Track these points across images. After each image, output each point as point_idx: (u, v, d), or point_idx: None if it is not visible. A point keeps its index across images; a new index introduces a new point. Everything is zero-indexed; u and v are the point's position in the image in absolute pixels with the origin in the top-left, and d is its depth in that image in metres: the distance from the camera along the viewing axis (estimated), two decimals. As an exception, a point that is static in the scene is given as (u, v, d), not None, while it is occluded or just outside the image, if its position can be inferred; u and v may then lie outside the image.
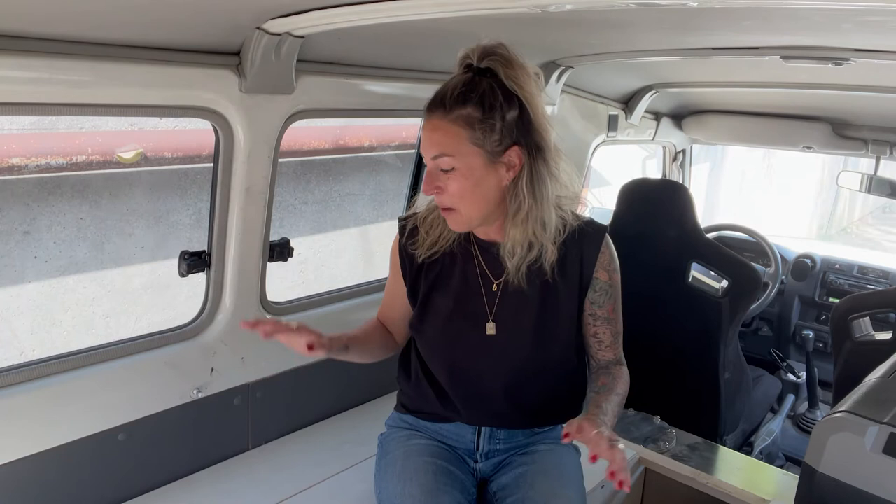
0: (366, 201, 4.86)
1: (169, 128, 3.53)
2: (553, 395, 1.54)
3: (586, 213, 4.05)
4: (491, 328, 1.46)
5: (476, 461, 1.57)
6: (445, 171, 1.32)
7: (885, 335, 2.29)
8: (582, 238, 1.45)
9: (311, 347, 1.29)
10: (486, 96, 1.29)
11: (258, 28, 1.46)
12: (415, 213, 1.54)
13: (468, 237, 1.48)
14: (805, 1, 1.20)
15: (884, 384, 1.44)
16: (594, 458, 1.17)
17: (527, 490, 1.45)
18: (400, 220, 1.57)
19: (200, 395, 1.76)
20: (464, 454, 1.57)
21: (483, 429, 1.55)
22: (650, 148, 4.62)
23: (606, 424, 1.28)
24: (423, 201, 1.55)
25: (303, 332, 1.30)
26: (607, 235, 1.48)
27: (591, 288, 1.47)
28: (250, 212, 1.72)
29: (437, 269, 1.50)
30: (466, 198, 1.33)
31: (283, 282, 3.97)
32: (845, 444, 1.28)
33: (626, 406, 2.28)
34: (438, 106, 1.31)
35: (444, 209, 1.37)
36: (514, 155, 1.33)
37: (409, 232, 1.52)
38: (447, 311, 1.49)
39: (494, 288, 1.47)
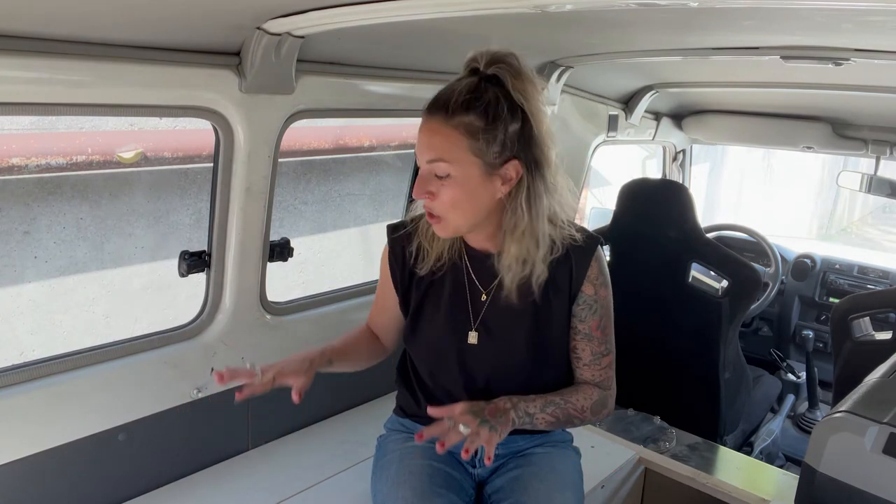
0: (366, 201, 4.86)
1: (169, 128, 3.53)
2: None
3: (587, 212, 4.07)
4: (473, 337, 1.44)
5: (474, 466, 1.56)
6: (440, 177, 1.28)
7: (885, 335, 2.29)
8: (575, 252, 1.41)
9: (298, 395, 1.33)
10: (490, 106, 1.25)
11: (258, 28, 1.46)
12: (407, 223, 1.50)
13: (459, 246, 1.46)
14: (805, 1, 1.20)
15: (884, 384, 1.44)
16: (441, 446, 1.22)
17: (520, 494, 1.43)
18: (391, 227, 1.52)
19: (200, 395, 1.76)
20: (461, 458, 1.56)
21: None
22: (650, 148, 4.62)
23: (489, 413, 1.30)
24: (418, 206, 1.52)
25: (285, 377, 1.33)
26: (599, 249, 1.44)
27: (576, 301, 1.43)
28: (250, 212, 1.72)
29: (429, 280, 1.47)
30: (458, 208, 1.30)
31: (284, 282, 3.97)
32: (845, 444, 1.28)
33: (626, 406, 2.29)
34: (440, 109, 1.26)
35: (431, 216, 1.33)
36: (512, 168, 1.29)
37: (403, 242, 1.48)
38: (437, 321, 1.47)
39: (483, 297, 1.44)
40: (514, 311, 1.42)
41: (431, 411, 1.28)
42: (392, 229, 1.52)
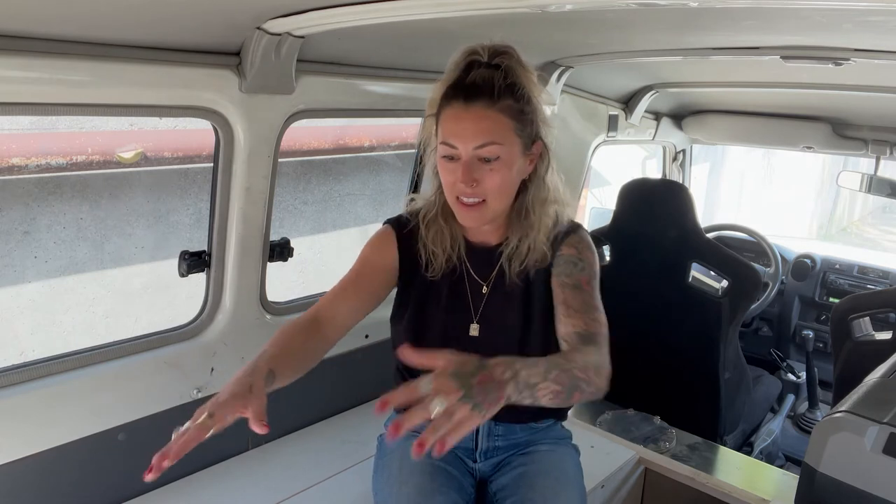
0: (366, 201, 4.86)
1: (169, 128, 3.53)
2: None
3: (587, 212, 4.07)
4: (474, 329, 1.46)
5: (475, 461, 1.56)
6: (487, 161, 1.30)
7: (885, 335, 2.29)
8: (558, 236, 1.45)
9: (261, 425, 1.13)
10: (523, 90, 1.32)
11: (258, 28, 1.46)
12: (410, 218, 1.50)
13: (460, 241, 1.47)
14: (805, 1, 1.20)
15: (884, 384, 1.44)
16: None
17: (526, 490, 1.44)
18: (396, 220, 1.52)
19: (200, 395, 1.76)
20: (463, 454, 1.57)
21: (481, 426, 1.54)
22: (650, 148, 4.62)
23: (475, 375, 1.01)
24: (417, 201, 1.52)
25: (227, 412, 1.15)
26: (582, 229, 1.48)
27: (556, 264, 1.42)
28: (250, 212, 1.72)
29: (430, 276, 1.48)
30: (502, 189, 1.34)
31: (284, 282, 3.97)
32: (845, 444, 1.28)
33: (626, 406, 2.29)
34: (483, 95, 1.29)
35: (471, 204, 1.33)
36: (536, 148, 1.39)
37: (411, 236, 1.48)
38: (439, 315, 1.48)
39: (484, 290, 1.47)
40: (511, 296, 1.44)
41: (405, 354, 1.05)
42: (399, 222, 1.51)
